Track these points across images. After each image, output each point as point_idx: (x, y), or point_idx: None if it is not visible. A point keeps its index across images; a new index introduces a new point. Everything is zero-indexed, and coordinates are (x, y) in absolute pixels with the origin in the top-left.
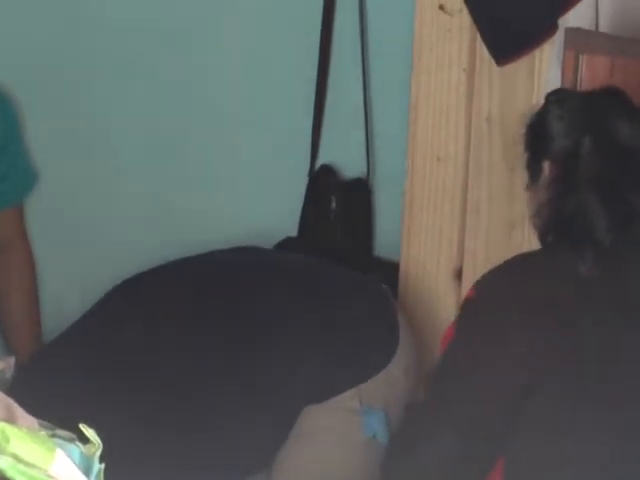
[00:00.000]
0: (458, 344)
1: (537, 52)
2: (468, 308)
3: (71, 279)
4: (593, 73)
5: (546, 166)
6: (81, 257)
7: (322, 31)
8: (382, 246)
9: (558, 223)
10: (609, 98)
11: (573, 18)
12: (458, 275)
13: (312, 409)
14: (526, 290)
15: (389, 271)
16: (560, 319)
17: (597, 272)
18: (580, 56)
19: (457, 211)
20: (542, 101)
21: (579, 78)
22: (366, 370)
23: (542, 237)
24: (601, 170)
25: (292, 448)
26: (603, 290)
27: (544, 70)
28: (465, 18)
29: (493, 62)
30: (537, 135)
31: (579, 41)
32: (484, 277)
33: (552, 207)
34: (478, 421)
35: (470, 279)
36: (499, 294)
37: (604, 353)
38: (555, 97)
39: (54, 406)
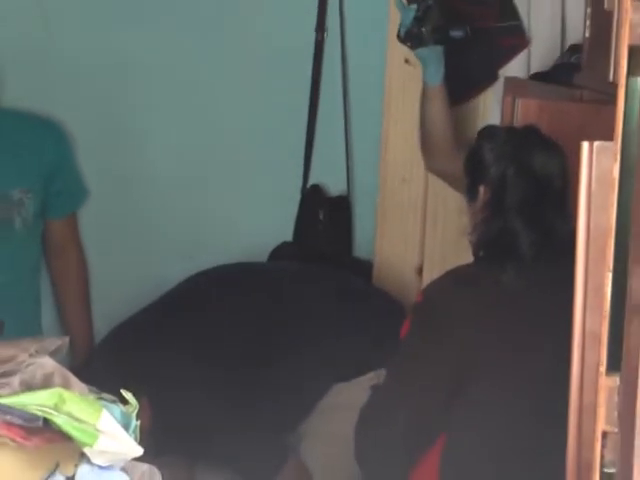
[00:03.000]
0: (408, 341)
1: (482, 96)
2: (416, 311)
3: (113, 282)
4: (526, 113)
5: (481, 190)
6: (122, 264)
7: (312, 85)
8: (360, 248)
9: (487, 241)
10: (527, 135)
11: (510, 69)
12: (419, 271)
13: (340, 386)
14: (461, 297)
15: (365, 268)
16: (488, 321)
17: (519, 282)
18: (516, 100)
19: (419, 221)
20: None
21: (515, 117)
22: (384, 357)
23: (475, 252)
24: (524, 196)
25: (321, 417)
26: (525, 298)
27: (488, 110)
28: None
29: None
30: (474, 164)
31: (515, 88)
32: (429, 286)
33: (483, 227)
34: (423, 404)
35: (429, 274)
36: (440, 301)
37: (525, 351)
38: (486, 133)
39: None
